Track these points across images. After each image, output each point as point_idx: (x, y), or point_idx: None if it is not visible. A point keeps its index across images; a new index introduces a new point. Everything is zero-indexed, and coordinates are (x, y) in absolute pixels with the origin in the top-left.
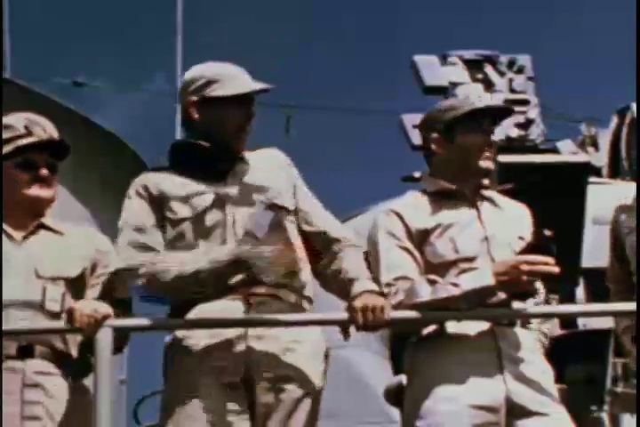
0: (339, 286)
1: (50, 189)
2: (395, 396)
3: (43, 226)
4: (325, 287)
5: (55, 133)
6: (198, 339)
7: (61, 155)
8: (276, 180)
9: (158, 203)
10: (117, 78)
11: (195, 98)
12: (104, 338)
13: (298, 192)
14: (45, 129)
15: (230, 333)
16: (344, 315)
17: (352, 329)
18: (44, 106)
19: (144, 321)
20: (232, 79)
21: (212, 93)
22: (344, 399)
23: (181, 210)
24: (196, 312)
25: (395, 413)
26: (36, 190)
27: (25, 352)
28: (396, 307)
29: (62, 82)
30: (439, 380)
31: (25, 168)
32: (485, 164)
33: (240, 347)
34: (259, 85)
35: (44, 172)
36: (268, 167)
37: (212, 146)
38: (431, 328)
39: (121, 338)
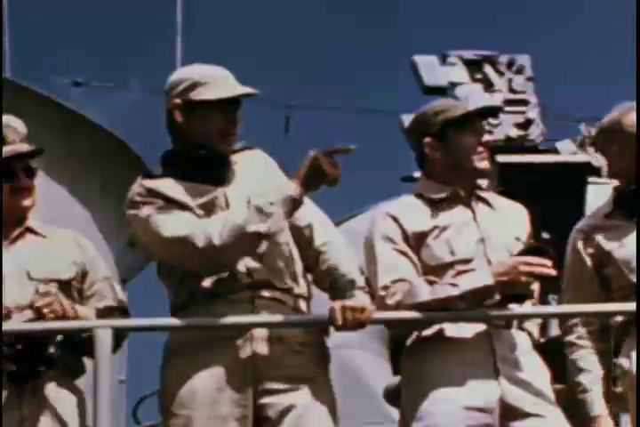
0: (328, 289)
1: (30, 197)
2: (394, 396)
3: (28, 230)
4: (315, 284)
5: (24, 129)
6: (202, 341)
7: (35, 155)
8: (266, 181)
9: (169, 204)
10: (117, 78)
11: (179, 100)
12: (104, 338)
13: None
14: (17, 129)
15: (235, 336)
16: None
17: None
18: (44, 106)
19: (144, 321)
20: (217, 83)
21: (196, 97)
22: (344, 400)
23: (193, 211)
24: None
25: (395, 413)
26: (19, 201)
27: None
28: (395, 308)
29: (62, 82)
30: (435, 381)
31: (4, 178)
32: (482, 164)
33: (245, 350)
34: (243, 90)
35: (24, 181)
36: (257, 169)
37: (206, 152)
38: (428, 330)
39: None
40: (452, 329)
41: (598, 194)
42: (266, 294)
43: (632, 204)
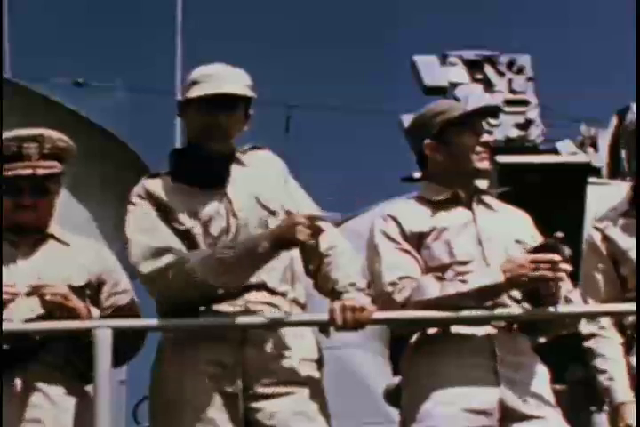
0: (329, 292)
1: (35, 214)
2: (394, 396)
3: (51, 236)
4: (316, 289)
5: (59, 143)
6: (194, 342)
7: (46, 178)
8: (272, 184)
9: (163, 210)
10: (117, 78)
11: (180, 98)
12: (104, 338)
13: (294, 194)
14: (43, 144)
15: (225, 339)
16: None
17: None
18: (44, 106)
19: (144, 321)
20: (207, 82)
21: (186, 95)
22: (344, 400)
23: (187, 220)
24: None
25: (395, 413)
26: (20, 216)
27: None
28: (403, 304)
29: (62, 82)
30: (435, 383)
31: (8, 194)
32: (482, 164)
33: (235, 354)
34: (221, 89)
35: (27, 200)
36: (263, 171)
37: (202, 152)
38: (428, 331)
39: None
40: (453, 330)
41: (598, 194)
42: (259, 298)
43: None
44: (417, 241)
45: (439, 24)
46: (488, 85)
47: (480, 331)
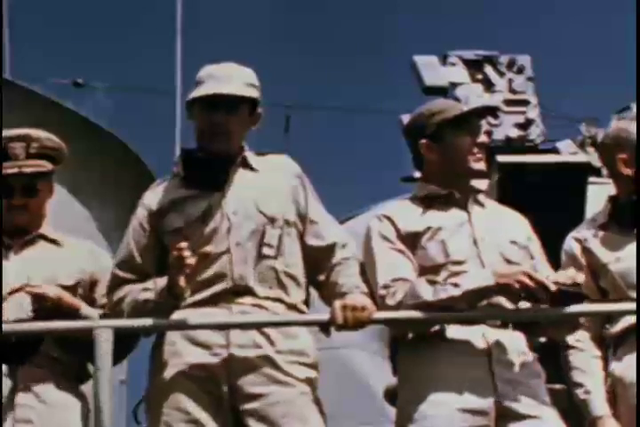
0: (333, 296)
1: (26, 214)
2: (394, 396)
3: (42, 237)
4: (323, 299)
5: (47, 143)
6: (181, 346)
7: (35, 177)
8: (278, 189)
9: (154, 219)
10: (117, 78)
11: (188, 99)
12: (104, 338)
13: (308, 203)
14: (31, 144)
15: (212, 341)
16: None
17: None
18: (44, 106)
19: (144, 321)
20: (207, 82)
21: (189, 96)
22: (344, 400)
23: (175, 221)
24: (181, 318)
25: (394, 413)
26: (12, 217)
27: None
28: (396, 307)
29: (62, 82)
30: (430, 383)
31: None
32: (477, 165)
33: (222, 356)
34: (216, 90)
35: (18, 201)
36: (273, 177)
37: (203, 152)
38: (424, 330)
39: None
40: (448, 330)
41: (598, 194)
42: (246, 300)
43: (631, 216)
44: (411, 241)
45: (439, 24)
46: (488, 85)
47: (476, 330)
